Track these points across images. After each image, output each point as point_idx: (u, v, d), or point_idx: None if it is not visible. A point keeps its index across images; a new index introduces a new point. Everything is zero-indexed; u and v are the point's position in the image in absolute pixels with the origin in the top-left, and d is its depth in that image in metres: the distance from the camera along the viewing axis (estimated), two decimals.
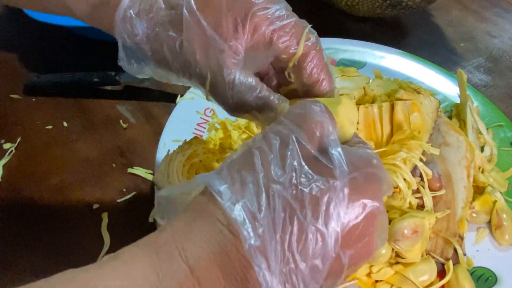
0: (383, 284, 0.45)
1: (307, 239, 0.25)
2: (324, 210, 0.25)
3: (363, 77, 0.55)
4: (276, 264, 0.25)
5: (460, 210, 0.48)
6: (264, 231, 0.25)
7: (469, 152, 0.51)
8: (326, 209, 0.26)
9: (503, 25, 0.84)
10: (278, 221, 0.25)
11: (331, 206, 0.26)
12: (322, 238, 0.25)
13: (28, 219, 0.52)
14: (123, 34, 0.35)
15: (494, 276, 0.47)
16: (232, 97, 0.33)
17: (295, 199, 0.25)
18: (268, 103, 0.34)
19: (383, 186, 0.28)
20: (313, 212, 0.25)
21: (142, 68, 0.36)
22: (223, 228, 0.25)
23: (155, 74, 0.37)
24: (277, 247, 0.25)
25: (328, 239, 0.25)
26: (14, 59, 0.72)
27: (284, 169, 0.26)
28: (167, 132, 0.56)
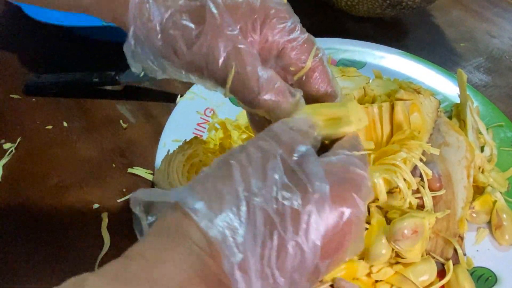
0: (383, 284, 0.45)
1: (287, 254, 0.25)
2: (305, 224, 0.25)
3: (363, 77, 0.55)
4: (256, 279, 0.24)
5: (460, 210, 0.48)
6: (245, 247, 0.24)
7: (469, 152, 0.51)
8: (307, 223, 0.25)
9: (503, 25, 0.84)
10: (259, 236, 0.24)
11: (312, 220, 0.25)
12: (302, 252, 0.25)
13: (28, 219, 0.52)
14: (137, 19, 0.33)
15: (494, 276, 0.47)
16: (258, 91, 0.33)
17: (276, 213, 0.25)
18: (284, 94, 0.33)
19: (361, 191, 0.28)
20: (293, 227, 0.25)
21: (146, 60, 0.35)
22: (200, 252, 0.24)
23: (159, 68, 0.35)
24: (258, 261, 0.24)
25: (308, 253, 0.25)
26: (14, 59, 0.72)
27: (265, 182, 0.25)
28: (167, 132, 0.56)
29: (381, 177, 0.44)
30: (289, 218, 0.25)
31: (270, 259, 0.24)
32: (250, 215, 0.24)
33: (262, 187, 0.25)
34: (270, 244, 0.24)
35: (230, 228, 0.24)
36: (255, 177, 0.26)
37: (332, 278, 0.43)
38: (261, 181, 0.25)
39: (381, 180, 0.44)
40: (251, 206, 0.25)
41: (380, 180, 0.44)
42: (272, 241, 0.24)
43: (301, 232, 0.25)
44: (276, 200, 0.25)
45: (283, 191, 0.25)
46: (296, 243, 0.25)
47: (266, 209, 0.25)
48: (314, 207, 0.26)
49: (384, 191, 0.45)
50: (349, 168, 0.28)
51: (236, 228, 0.24)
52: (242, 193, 0.25)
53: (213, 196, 0.25)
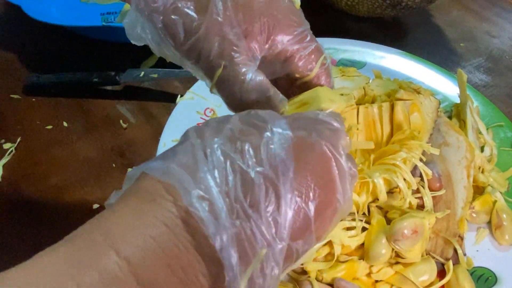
0: (383, 284, 0.45)
1: (253, 185, 0.23)
2: (267, 156, 0.23)
3: (363, 77, 0.55)
4: (225, 215, 0.22)
5: (460, 210, 0.48)
6: (204, 181, 0.22)
7: (469, 152, 0.51)
8: (270, 155, 0.23)
9: (503, 25, 0.84)
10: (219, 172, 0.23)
11: (273, 152, 0.23)
12: (272, 185, 0.23)
13: (28, 219, 0.52)
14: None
15: (494, 276, 0.46)
16: (240, 93, 0.33)
17: (235, 150, 0.23)
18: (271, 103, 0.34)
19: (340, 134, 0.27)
20: (256, 160, 0.23)
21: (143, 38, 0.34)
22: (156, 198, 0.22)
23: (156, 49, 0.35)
24: (223, 198, 0.22)
25: (281, 186, 0.23)
26: (14, 59, 0.72)
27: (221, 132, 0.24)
28: (167, 132, 0.56)
29: (381, 177, 0.44)
30: (249, 153, 0.23)
31: (238, 194, 0.22)
32: (207, 155, 0.23)
33: (219, 135, 0.24)
34: (233, 178, 0.23)
35: (185, 167, 0.23)
36: (212, 131, 0.25)
37: (332, 278, 0.43)
38: (217, 133, 0.24)
39: (381, 180, 0.44)
40: (207, 149, 0.23)
41: (380, 180, 0.44)
42: (235, 176, 0.23)
43: (264, 162, 0.23)
44: (232, 141, 0.24)
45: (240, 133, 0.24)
46: (262, 176, 0.23)
47: (223, 148, 0.23)
48: (275, 137, 0.24)
49: (384, 191, 0.45)
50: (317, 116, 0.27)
51: (190, 166, 0.23)
52: (198, 143, 0.24)
53: (169, 154, 0.24)
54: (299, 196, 0.24)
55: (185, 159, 0.23)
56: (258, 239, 0.22)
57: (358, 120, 0.49)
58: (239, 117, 0.26)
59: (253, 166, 0.23)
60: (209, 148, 0.23)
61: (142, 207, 0.22)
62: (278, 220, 0.23)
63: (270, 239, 0.22)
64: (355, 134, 0.49)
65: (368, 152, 0.48)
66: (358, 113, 0.49)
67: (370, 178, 0.44)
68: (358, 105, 0.50)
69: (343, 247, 0.45)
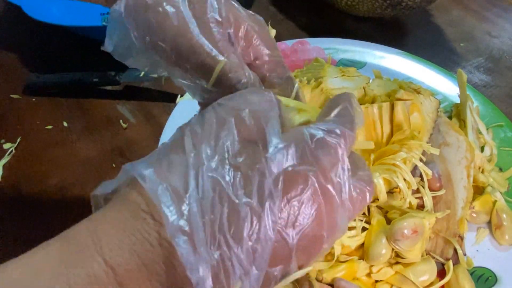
0: (383, 284, 0.45)
1: (239, 219, 0.23)
2: (257, 187, 0.23)
3: (363, 77, 0.55)
4: (204, 247, 0.22)
5: (460, 210, 0.48)
6: (189, 211, 0.22)
7: (469, 152, 0.51)
8: (260, 186, 0.23)
9: (503, 25, 0.84)
10: (207, 201, 0.23)
11: (266, 183, 0.23)
12: (257, 218, 0.23)
13: (28, 219, 0.52)
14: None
15: (494, 276, 0.46)
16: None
17: (226, 178, 0.23)
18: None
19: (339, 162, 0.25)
20: (245, 190, 0.23)
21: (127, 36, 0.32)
22: (145, 216, 0.23)
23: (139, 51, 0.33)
24: (206, 228, 0.22)
25: (266, 219, 0.23)
26: (14, 59, 0.72)
27: (216, 150, 0.24)
28: (167, 132, 0.56)
29: (381, 177, 0.44)
30: (239, 183, 0.23)
31: (222, 225, 0.22)
32: (198, 181, 0.23)
33: (213, 154, 0.24)
34: (219, 208, 0.23)
35: (175, 192, 0.23)
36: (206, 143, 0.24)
37: (332, 278, 0.43)
38: (212, 148, 0.24)
39: (381, 180, 0.44)
40: (200, 172, 0.23)
41: (380, 180, 0.44)
42: (222, 206, 0.23)
43: (254, 196, 0.23)
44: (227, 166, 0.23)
45: (236, 157, 0.24)
46: (249, 208, 0.23)
47: (214, 175, 0.23)
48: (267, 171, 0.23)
49: (384, 191, 0.45)
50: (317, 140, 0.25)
51: (181, 192, 0.23)
52: (191, 160, 0.24)
53: (163, 164, 0.24)
54: (284, 225, 0.23)
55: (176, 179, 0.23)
56: (236, 269, 0.22)
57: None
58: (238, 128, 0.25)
59: (241, 197, 0.23)
60: (201, 172, 0.23)
61: (132, 223, 0.23)
62: (257, 249, 0.23)
63: (247, 267, 0.23)
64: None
65: (368, 152, 0.48)
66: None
67: None
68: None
69: (343, 247, 0.45)
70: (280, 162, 0.24)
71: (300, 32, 0.78)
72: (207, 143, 0.24)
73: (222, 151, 0.24)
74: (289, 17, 0.80)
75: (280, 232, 0.23)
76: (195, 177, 0.23)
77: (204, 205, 0.23)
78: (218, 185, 0.23)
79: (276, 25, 0.80)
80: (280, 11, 0.82)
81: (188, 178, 0.23)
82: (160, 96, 0.66)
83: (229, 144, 0.24)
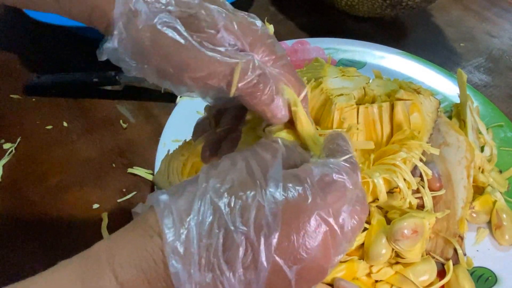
0: (383, 284, 0.45)
1: (233, 245, 0.24)
2: (254, 217, 0.24)
3: (363, 77, 0.55)
4: (197, 269, 0.24)
5: (460, 210, 0.48)
6: (187, 234, 0.24)
7: (469, 152, 0.51)
8: (257, 217, 0.24)
9: (503, 25, 0.84)
10: (205, 225, 0.24)
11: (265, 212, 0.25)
12: (252, 247, 0.24)
13: (28, 219, 0.52)
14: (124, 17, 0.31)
15: (494, 276, 0.47)
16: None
17: (226, 205, 0.25)
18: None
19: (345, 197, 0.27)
20: (243, 219, 0.24)
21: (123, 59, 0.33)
22: (153, 234, 0.25)
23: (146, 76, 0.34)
24: (202, 251, 0.24)
25: (260, 248, 0.24)
26: (14, 59, 0.72)
27: (224, 182, 0.26)
28: (167, 132, 0.56)
29: (381, 177, 0.44)
30: (238, 211, 0.25)
31: (217, 250, 0.24)
32: (201, 207, 0.25)
33: (220, 185, 0.26)
34: (216, 233, 0.24)
35: (178, 216, 0.25)
36: (216, 177, 0.26)
37: (332, 278, 0.43)
38: (220, 180, 0.26)
39: (381, 180, 0.44)
40: (204, 199, 0.25)
41: (380, 180, 0.44)
42: (219, 231, 0.24)
43: (250, 226, 0.24)
44: (229, 195, 0.25)
45: (237, 188, 0.25)
46: (244, 236, 0.24)
47: (216, 201, 0.25)
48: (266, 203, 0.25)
49: (384, 191, 0.45)
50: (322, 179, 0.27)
51: (183, 216, 0.25)
52: (200, 189, 0.26)
53: (178, 192, 0.26)
54: (281, 258, 0.25)
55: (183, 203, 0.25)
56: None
57: (358, 120, 0.49)
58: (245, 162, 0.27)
59: (238, 225, 0.24)
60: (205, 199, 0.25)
61: (143, 241, 0.25)
62: (251, 277, 0.24)
63: None
64: (355, 134, 0.49)
65: (368, 152, 0.48)
66: (358, 113, 0.49)
67: (370, 178, 0.44)
68: (358, 105, 0.50)
69: None
70: (280, 196, 0.25)
71: (300, 32, 0.78)
72: (217, 177, 0.26)
73: (228, 183, 0.26)
74: (289, 17, 0.80)
75: (278, 263, 0.25)
76: (199, 202, 0.25)
77: (202, 229, 0.24)
78: (218, 211, 0.25)
79: (276, 25, 0.80)
80: (280, 11, 0.82)
81: (192, 203, 0.25)
82: (160, 96, 0.66)
83: (235, 178, 0.26)
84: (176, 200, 0.25)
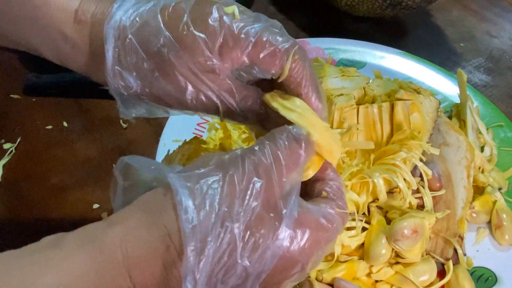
0: (383, 284, 0.45)
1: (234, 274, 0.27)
2: (259, 256, 0.27)
3: (363, 77, 0.55)
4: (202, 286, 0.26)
5: (460, 210, 0.48)
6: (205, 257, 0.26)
7: (469, 152, 0.51)
8: (261, 255, 0.27)
9: (503, 25, 0.84)
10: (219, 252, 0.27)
11: (267, 254, 0.27)
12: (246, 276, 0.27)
13: (28, 219, 0.52)
14: (119, 90, 0.37)
15: (494, 276, 0.47)
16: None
17: (241, 238, 0.27)
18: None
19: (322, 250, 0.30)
20: (248, 253, 0.27)
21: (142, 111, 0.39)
22: (170, 244, 0.26)
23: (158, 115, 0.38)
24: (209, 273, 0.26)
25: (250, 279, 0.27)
26: (14, 59, 0.72)
27: (243, 207, 0.27)
28: (167, 132, 0.56)
29: (381, 177, 0.44)
30: (249, 247, 0.27)
31: (220, 273, 0.27)
32: (221, 233, 0.27)
33: (240, 212, 0.27)
34: (225, 260, 0.27)
35: (200, 237, 0.26)
36: (238, 198, 0.27)
37: (332, 278, 0.43)
38: (241, 206, 0.27)
39: (381, 180, 0.44)
40: (224, 226, 0.27)
41: (380, 180, 0.44)
42: (228, 259, 0.27)
43: (254, 261, 0.27)
44: (246, 227, 0.27)
45: (255, 222, 0.27)
46: (244, 269, 0.27)
47: (234, 232, 0.27)
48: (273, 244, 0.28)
49: (384, 191, 0.45)
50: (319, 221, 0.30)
51: (205, 239, 0.26)
52: (222, 211, 0.27)
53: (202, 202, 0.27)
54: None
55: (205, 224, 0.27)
56: None
57: (358, 120, 0.49)
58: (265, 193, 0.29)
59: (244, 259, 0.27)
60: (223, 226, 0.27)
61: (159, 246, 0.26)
62: None
63: None
64: (355, 134, 0.49)
65: (368, 152, 0.48)
66: (358, 113, 0.49)
67: (370, 178, 0.44)
68: (358, 105, 0.50)
69: (343, 247, 0.45)
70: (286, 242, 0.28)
71: (300, 32, 0.78)
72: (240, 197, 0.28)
73: (248, 210, 0.27)
74: (289, 17, 0.80)
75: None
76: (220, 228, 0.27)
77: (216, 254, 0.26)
78: (234, 241, 0.27)
79: None
80: (280, 11, 0.82)
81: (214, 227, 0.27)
82: None
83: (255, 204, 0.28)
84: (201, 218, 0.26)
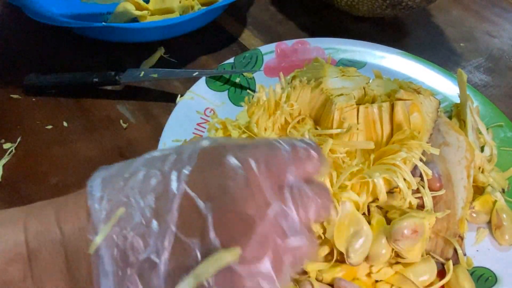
0: (383, 284, 0.45)
1: (147, 178, 0.26)
2: (174, 161, 0.27)
3: (363, 77, 0.55)
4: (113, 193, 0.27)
5: (460, 210, 0.48)
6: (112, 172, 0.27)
7: (469, 152, 0.51)
8: (176, 160, 0.27)
9: (503, 25, 0.84)
10: (130, 168, 0.27)
11: (181, 157, 0.26)
12: (164, 178, 0.26)
13: None
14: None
15: (494, 276, 0.47)
16: None
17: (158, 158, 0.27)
18: None
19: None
20: (164, 162, 0.27)
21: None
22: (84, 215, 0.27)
23: None
24: (120, 183, 0.27)
25: (171, 177, 0.25)
26: (14, 59, 0.72)
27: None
28: (167, 132, 0.56)
29: (381, 177, 0.44)
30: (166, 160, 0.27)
31: (134, 182, 0.27)
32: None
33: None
34: (137, 172, 0.27)
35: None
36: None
37: (332, 278, 0.43)
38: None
39: (381, 180, 0.44)
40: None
41: (380, 180, 0.44)
42: (141, 171, 0.27)
43: (167, 163, 0.26)
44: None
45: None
46: (160, 171, 0.26)
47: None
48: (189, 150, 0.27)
49: (384, 191, 0.45)
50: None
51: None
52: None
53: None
54: (194, 190, 0.25)
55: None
56: None
57: (358, 120, 0.49)
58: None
59: (157, 165, 0.27)
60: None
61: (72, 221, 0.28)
62: (162, 208, 0.25)
63: None
64: (355, 134, 0.49)
65: (368, 152, 0.48)
66: (358, 113, 0.49)
67: (370, 178, 0.44)
68: (358, 105, 0.50)
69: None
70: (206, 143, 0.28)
71: (300, 32, 0.78)
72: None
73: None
74: (289, 17, 0.80)
75: (189, 195, 0.25)
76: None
77: (127, 170, 0.29)
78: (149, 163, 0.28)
79: (276, 25, 0.80)
80: (280, 11, 0.82)
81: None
82: (160, 96, 0.66)
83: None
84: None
